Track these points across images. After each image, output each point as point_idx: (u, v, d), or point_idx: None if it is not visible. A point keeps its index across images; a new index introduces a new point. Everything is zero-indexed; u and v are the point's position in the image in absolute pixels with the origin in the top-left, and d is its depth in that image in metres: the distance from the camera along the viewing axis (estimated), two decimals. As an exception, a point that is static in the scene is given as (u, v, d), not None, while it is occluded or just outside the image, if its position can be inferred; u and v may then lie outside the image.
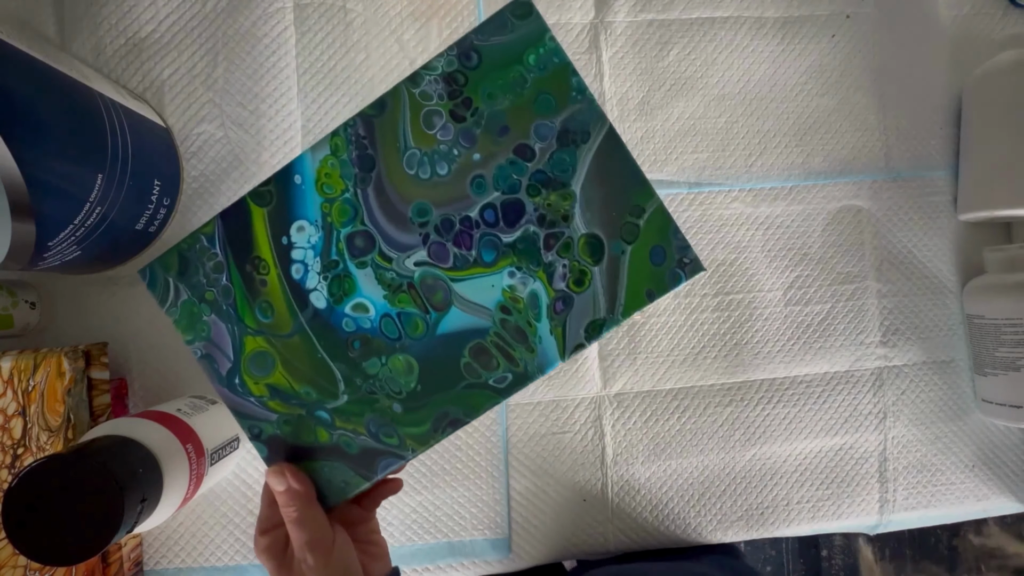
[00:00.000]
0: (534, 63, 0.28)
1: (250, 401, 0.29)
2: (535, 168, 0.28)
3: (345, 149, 0.29)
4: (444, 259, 0.29)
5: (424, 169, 0.29)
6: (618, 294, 0.28)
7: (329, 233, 0.29)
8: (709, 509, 0.53)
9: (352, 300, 0.29)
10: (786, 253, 0.54)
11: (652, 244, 0.28)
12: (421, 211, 0.29)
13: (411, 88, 0.28)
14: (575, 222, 0.28)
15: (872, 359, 0.55)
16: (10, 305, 0.44)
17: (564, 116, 0.28)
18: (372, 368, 0.29)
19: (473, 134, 0.28)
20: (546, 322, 0.28)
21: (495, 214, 0.28)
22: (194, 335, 0.30)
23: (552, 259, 0.28)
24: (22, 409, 0.39)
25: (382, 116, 0.29)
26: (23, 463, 0.38)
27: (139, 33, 0.49)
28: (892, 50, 0.56)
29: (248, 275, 0.29)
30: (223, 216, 0.29)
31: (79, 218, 0.37)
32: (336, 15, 0.51)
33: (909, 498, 0.55)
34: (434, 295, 0.29)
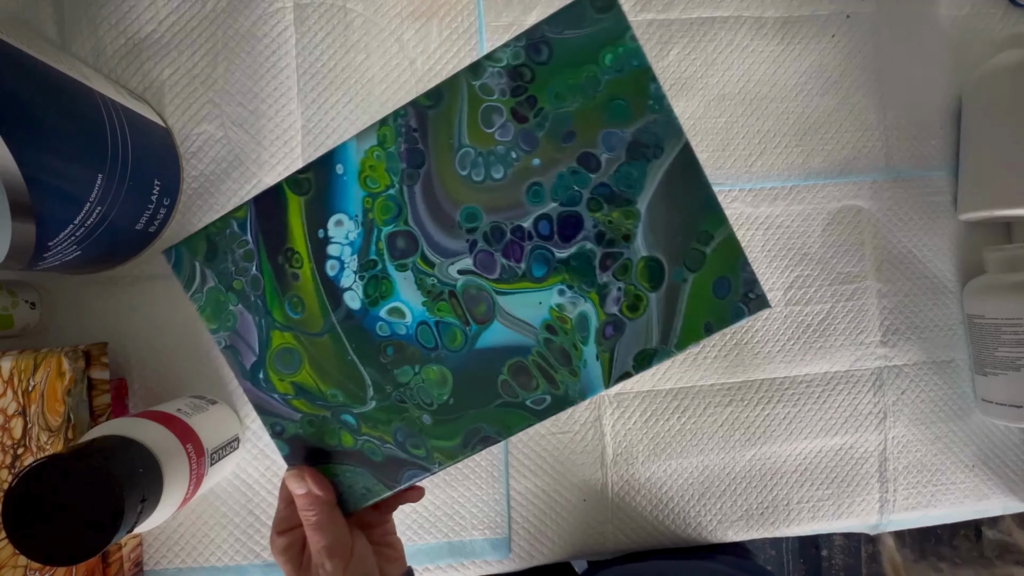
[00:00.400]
0: (610, 64, 0.25)
1: (274, 398, 0.28)
2: (599, 180, 0.26)
3: (393, 141, 0.27)
4: (491, 270, 0.27)
5: (478, 171, 0.26)
6: (674, 324, 0.26)
7: (369, 230, 0.27)
8: (709, 509, 0.53)
9: (388, 304, 0.27)
10: (786, 253, 0.54)
11: (717, 275, 0.26)
12: (470, 216, 0.27)
13: (471, 79, 0.26)
14: (636, 243, 0.26)
15: (872, 359, 0.55)
16: (10, 305, 0.44)
17: (637, 126, 0.25)
18: (404, 376, 0.28)
19: (535, 137, 0.26)
20: (593, 346, 0.26)
21: (550, 226, 0.26)
22: (219, 324, 0.28)
23: (607, 280, 0.26)
24: (22, 409, 0.39)
25: (437, 108, 0.26)
26: (23, 463, 0.38)
27: (139, 33, 0.49)
28: (892, 50, 0.56)
29: (280, 267, 0.28)
30: (256, 201, 0.28)
31: (79, 218, 0.37)
32: (336, 15, 0.51)
33: (909, 498, 0.55)
34: (476, 307, 0.27)
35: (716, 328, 0.26)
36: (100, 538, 0.30)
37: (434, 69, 0.52)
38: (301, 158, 0.50)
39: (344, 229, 0.27)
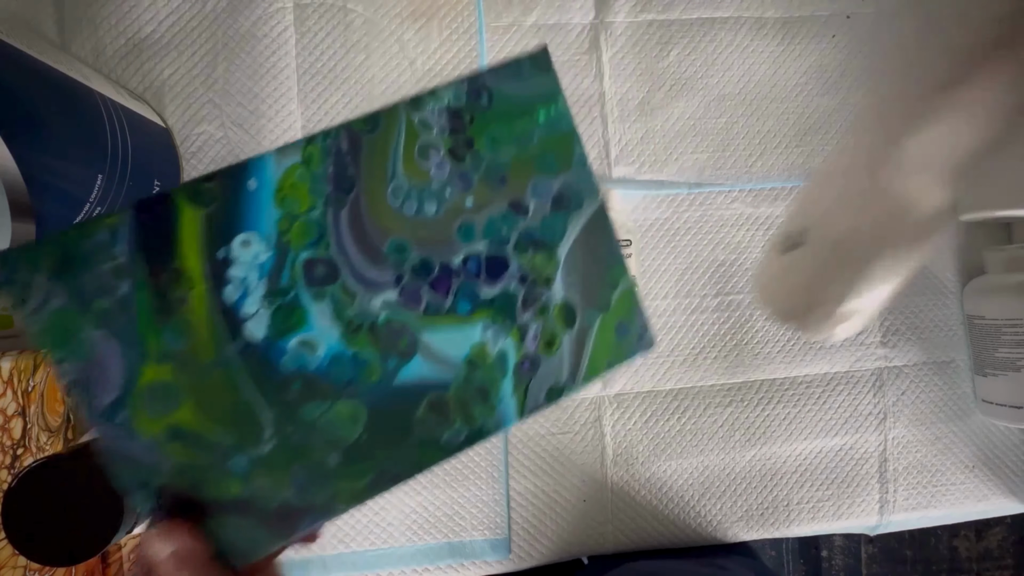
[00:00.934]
0: (543, 121, 0.27)
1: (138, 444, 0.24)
2: (526, 226, 0.27)
3: (321, 162, 0.25)
4: (416, 303, 0.26)
5: (410, 204, 0.26)
6: (582, 361, 0.28)
7: (283, 254, 0.25)
8: (709, 510, 0.53)
9: (299, 335, 0.25)
10: (786, 253, 0.54)
11: (619, 318, 0.28)
12: (399, 248, 0.26)
13: (412, 112, 0.26)
14: (555, 286, 0.27)
15: (872, 359, 0.55)
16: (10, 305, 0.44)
17: (563, 180, 0.27)
18: (310, 414, 0.25)
19: (470, 178, 0.26)
20: (511, 381, 0.27)
21: (478, 265, 0.26)
22: (66, 353, 0.23)
23: (527, 319, 0.27)
24: (22, 409, 0.39)
25: (373, 135, 0.26)
26: (23, 463, 0.38)
27: (139, 33, 0.49)
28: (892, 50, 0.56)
29: (161, 288, 0.24)
30: (139, 208, 0.23)
31: (79, 218, 0.37)
32: (336, 15, 0.51)
33: (909, 498, 0.55)
34: (398, 341, 0.26)
35: (615, 365, 0.28)
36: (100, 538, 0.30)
37: (434, 69, 0.52)
38: (301, 158, 0.50)
39: (252, 250, 0.24)
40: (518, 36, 0.53)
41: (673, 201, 0.54)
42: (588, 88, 0.53)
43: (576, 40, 0.53)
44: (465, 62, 0.52)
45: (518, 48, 0.53)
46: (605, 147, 0.53)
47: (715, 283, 0.54)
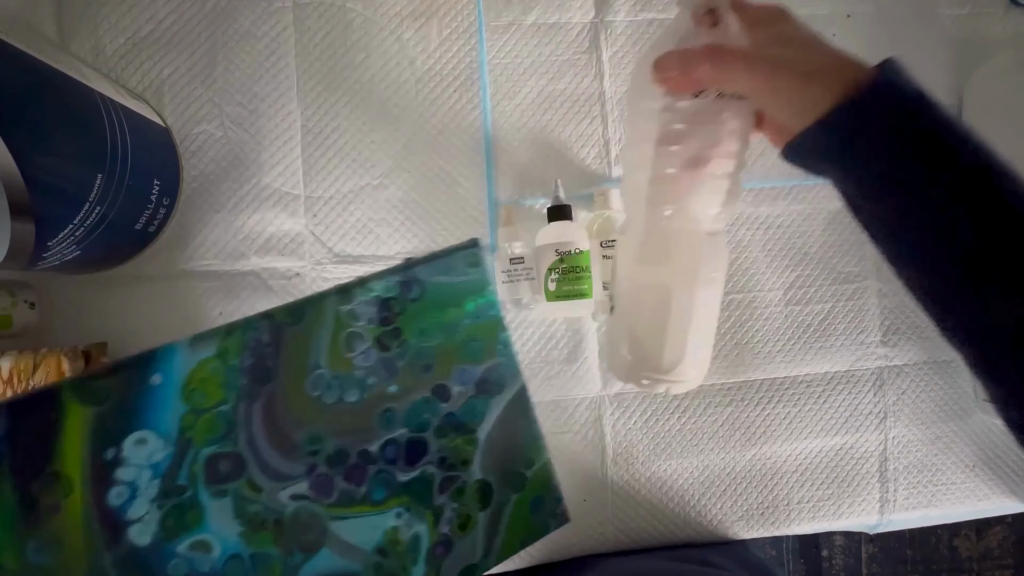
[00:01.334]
0: (471, 310, 0.28)
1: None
2: (448, 410, 0.27)
3: (238, 355, 0.24)
4: (328, 494, 0.25)
5: (331, 393, 0.25)
6: (496, 540, 0.28)
7: (183, 451, 0.23)
8: (710, 509, 0.53)
9: (192, 536, 0.23)
10: (786, 253, 0.54)
11: (535, 495, 0.29)
12: (314, 438, 0.25)
13: (340, 305, 0.26)
14: (473, 467, 0.28)
15: (872, 359, 0.55)
16: (10, 305, 0.44)
17: (487, 365, 0.28)
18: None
19: (395, 366, 0.27)
20: (422, 566, 0.26)
21: (396, 451, 0.26)
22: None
23: (443, 502, 0.27)
24: (22, 409, 0.39)
25: (297, 326, 0.25)
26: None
27: (139, 33, 0.49)
28: (892, 50, 0.55)
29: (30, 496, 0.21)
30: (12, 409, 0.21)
31: (79, 218, 0.37)
32: (336, 15, 0.51)
33: (909, 498, 0.55)
34: (305, 535, 0.25)
35: (529, 542, 0.28)
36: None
37: (434, 69, 0.52)
38: (301, 158, 0.50)
39: (148, 449, 0.23)
40: (518, 35, 0.53)
41: (673, 201, 0.54)
42: (588, 87, 0.53)
43: (576, 39, 0.53)
44: (465, 61, 0.52)
45: (518, 47, 0.53)
46: (605, 146, 0.53)
47: (715, 283, 0.54)
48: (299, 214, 0.50)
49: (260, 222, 0.50)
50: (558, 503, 0.29)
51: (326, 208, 0.51)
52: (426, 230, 0.51)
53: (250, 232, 0.50)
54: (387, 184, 0.51)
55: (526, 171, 0.53)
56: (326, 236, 0.50)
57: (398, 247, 0.51)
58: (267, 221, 0.50)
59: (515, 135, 0.53)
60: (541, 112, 0.53)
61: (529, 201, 0.52)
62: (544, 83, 0.53)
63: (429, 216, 0.52)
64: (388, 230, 0.51)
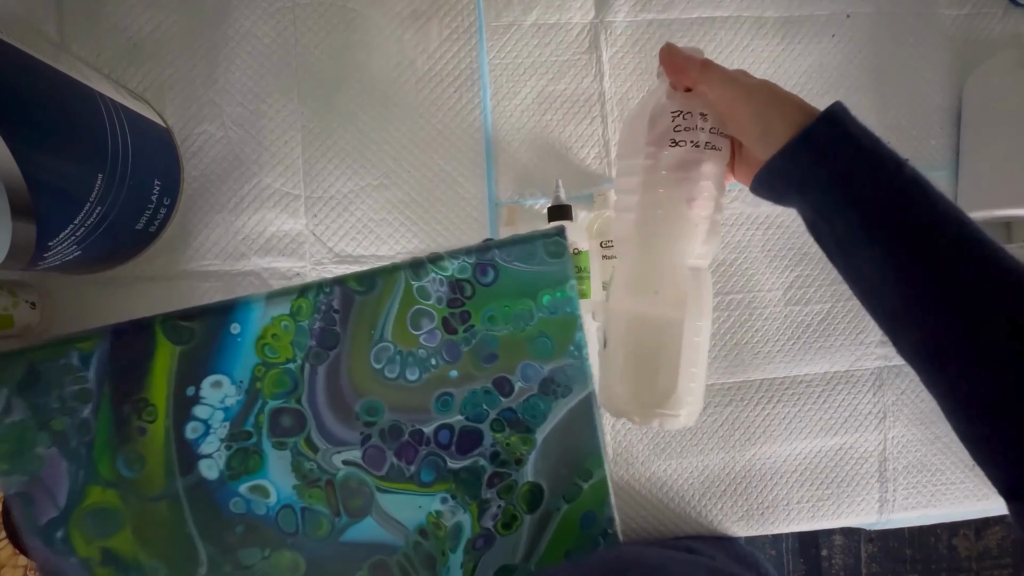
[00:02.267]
0: (547, 304, 0.27)
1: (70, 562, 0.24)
2: (508, 405, 0.27)
3: (309, 315, 0.25)
4: (379, 466, 0.26)
5: (392, 368, 0.26)
6: (538, 546, 0.27)
7: (253, 400, 0.25)
8: (709, 509, 0.53)
9: (253, 480, 0.25)
10: (786, 253, 0.54)
11: (587, 509, 0.28)
12: (371, 410, 0.26)
13: (412, 279, 0.26)
14: (526, 468, 0.27)
15: (872, 359, 0.55)
16: (10, 305, 0.44)
17: (555, 365, 0.27)
18: (249, 558, 0.25)
19: (459, 350, 0.26)
20: (460, 555, 0.26)
21: (450, 437, 0.26)
22: (14, 466, 0.23)
23: (490, 497, 0.27)
24: (22, 409, 0.39)
25: (367, 296, 0.26)
26: (23, 463, 0.38)
27: (139, 33, 0.49)
28: (892, 50, 0.56)
29: (124, 416, 0.24)
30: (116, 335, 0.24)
31: (79, 218, 0.37)
32: (336, 15, 0.51)
33: (909, 498, 0.55)
34: (353, 500, 0.26)
35: (573, 556, 0.27)
36: (100, 538, 0.30)
37: (434, 69, 0.52)
38: (301, 158, 0.50)
39: (221, 392, 0.25)
40: (518, 35, 0.53)
41: (673, 201, 0.54)
42: (588, 87, 0.53)
43: (576, 39, 0.53)
44: (465, 62, 0.52)
45: (518, 48, 0.53)
46: (605, 146, 0.53)
47: (715, 283, 0.54)
48: (299, 214, 0.50)
49: (261, 222, 0.50)
50: (611, 523, 0.28)
51: (326, 208, 0.51)
52: (426, 230, 0.51)
53: (251, 232, 0.50)
54: (387, 184, 0.51)
55: (526, 171, 0.53)
56: (326, 236, 0.51)
57: (398, 247, 0.51)
58: (268, 221, 0.50)
59: (515, 135, 0.53)
60: (541, 112, 0.53)
61: (529, 201, 0.52)
62: (544, 83, 0.53)
63: (429, 216, 0.52)
64: (388, 230, 0.51)
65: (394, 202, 0.51)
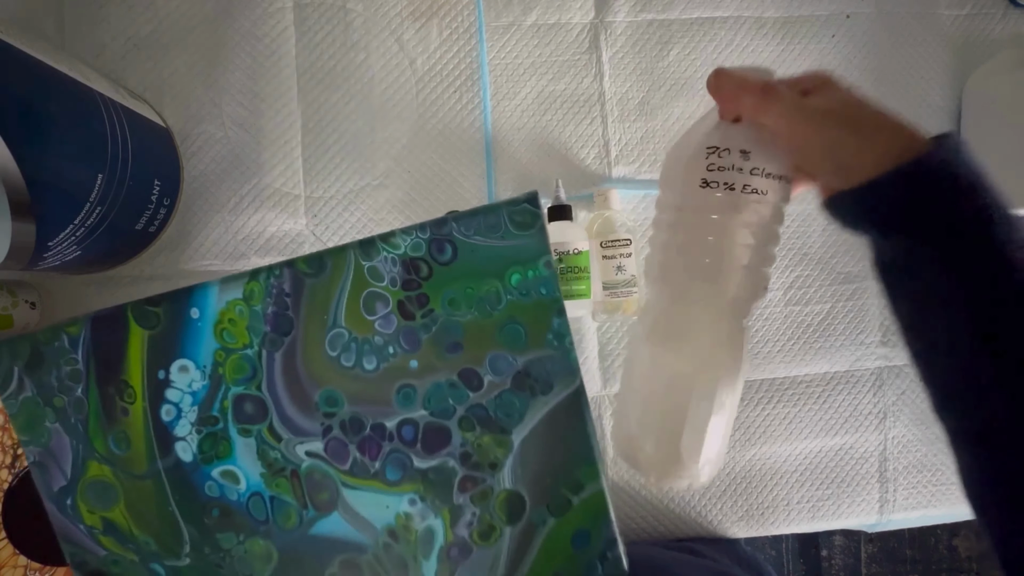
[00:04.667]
0: (515, 285, 0.24)
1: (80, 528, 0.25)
2: (477, 401, 0.24)
3: (261, 299, 0.25)
4: (342, 460, 0.25)
5: (348, 356, 0.25)
6: (523, 565, 0.25)
7: (216, 385, 0.25)
8: (710, 509, 0.53)
9: (223, 465, 0.25)
10: (786, 253, 0.54)
11: (579, 526, 0.25)
12: (330, 400, 0.25)
13: (361, 259, 0.24)
14: (502, 473, 0.24)
15: (872, 359, 0.55)
16: (10, 305, 0.44)
17: (530, 357, 0.24)
18: (226, 542, 0.25)
19: (418, 338, 0.24)
20: (434, 564, 0.25)
21: (415, 433, 0.24)
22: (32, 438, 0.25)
23: (463, 502, 0.25)
24: (22, 409, 0.39)
25: (317, 278, 0.24)
26: (23, 463, 0.38)
27: (139, 33, 0.49)
28: (892, 50, 0.56)
29: (109, 397, 0.25)
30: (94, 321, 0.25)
31: (79, 218, 0.37)
32: (336, 15, 0.51)
33: (909, 498, 0.55)
34: (319, 493, 0.25)
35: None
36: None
37: (434, 69, 0.52)
38: (301, 158, 0.50)
39: (188, 377, 0.25)
40: (518, 35, 0.53)
41: (673, 201, 0.54)
42: (588, 88, 0.53)
43: (576, 40, 0.53)
44: (465, 62, 0.52)
45: (518, 48, 0.53)
46: (605, 147, 0.53)
47: (715, 283, 0.54)
48: (299, 214, 0.50)
49: (260, 222, 0.50)
50: (611, 545, 0.25)
51: (326, 208, 0.51)
52: (426, 230, 0.51)
53: (250, 232, 0.50)
54: (387, 184, 0.51)
55: (526, 171, 0.53)
56: (326, 236, 0.51)
57: (398, 247, 0.51)
58: (267, 221, 0.50)
59: (515, 135, 0.53)
60: (541, 112, 0.53)
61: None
62: (544, 83, 0.53)
63: (429, 216, 0.52)
64: (388, 230, 0.51)
65: (394, 202, 0.51)
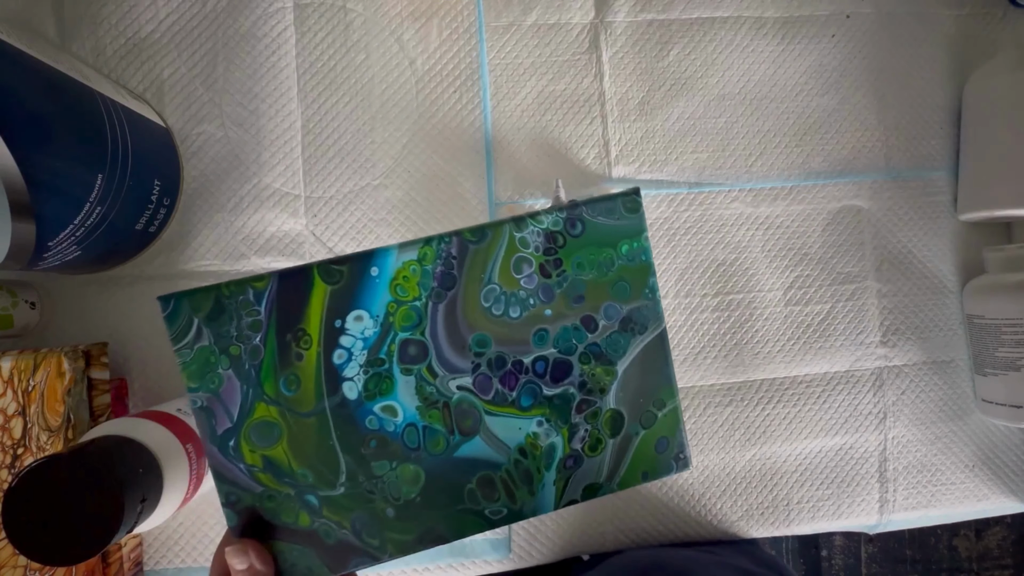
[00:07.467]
0: (625, 252, 0.31)
1: (239, 467, 0.28)
2: (593, 340, 0.30)
3: (432, 260, 0.29)
4: (486, 391, 0.30)
5: (498, 306, 0.30)
6: (620, 468, 0.30)
7: (386, 332, 0.29)
8: (709, 509, 0.53)
9: (384, 401, 0.29)
10: (786, 253, 0.55)
11: (661, 435, 0.31)
12: (481, 342, 0.30)
13: (515, 231, 0.30)
14: (609, 396, 0.30)
15: (872, 359, 0.55)
16: (10, 305, 0.44)
17: (632, 306, 0.31)
18: (380, 469, 0.29)
19: (553, 292, 0.30)
20: (553, 473, 0.30)
21: (545, 367, 0.30)
22: (201, 384, 0.28)
23: (578, 421, 0.30)
24: (22, 409, 0.39)
25: (479, 245, 0.30)
26: (23, 463, 0.38)
27: (139, 33, 0.49)
28: (892, 50, 0.56)
29: (285, 344, 0.28)
30: (282, 277, 0.28)
31: (79, 218, 0.37)
32: (336, 15, 0.51)
33: (909, 498, 0.55)
34: (465, 420, 0.30)
35: (650, 478, 0.31)
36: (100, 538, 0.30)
37: (434, 69, 0.52)
38: (301, 158, 0.50)
39: (362, 325, 0.29)
40: (518, 36, 0.53)
41: (673, 201, 0.54)
42: (588, 88, 0.53)
43: (576, 40, 0.53)
44: (465, 61, 0.52)
45: (518, 48, 0.53)
46: (605, 147, 0.53)
47: (715, 283, 0.54)
48: (299, 214, 0.50)
49: (260, 222, 0.50)
50: (682, 448, 0.31)
51: (326, 208, 0.51)
52: (426, 230, 0.51)
53: (250, 232, 0.50)
54: (387, 184, 0.51)
55: (526, 171, 0.53)
56: (326, 236, 0.51)
57: (398, 247, 0.51)
58: (267, 221, 0.50)
59: (515, 135, 0.53)
60: (541, 112, 0.53)
61: (529, 201, 0.52)
62: (544, 83, 0.53)
63: (429, 216, 0.52)
64: (388, 230, 0.51)
65: (394, 202, 0.51)
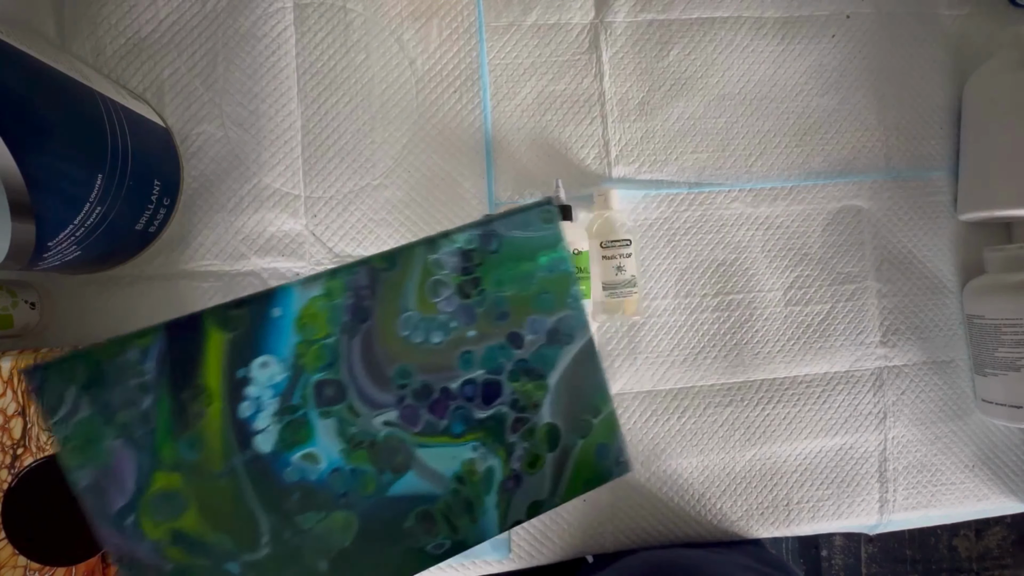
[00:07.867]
0: (544, 264, 0.30)
1: (142, 546, 0.26)
2: (521, 356, 0.30)
3: (341, 295, 0.28)
4: (415, 423, 0.29)
5: (418, 334, 0.29)
6: (562, 480, 0.30)
7: (297, 375, 0.27)
8: (709, 509, 0.53)
9: (304, 449, 0.27)
10: (786, 253, 0.54)
11: (599, 441, 0.30)
12: (403, 373, 0.29)
13: (428, 253, 0.29)
14: (542, 411, 0.30)
15: (872, 359, 0.55)
16: (10, 305, 0.44)
17: (558, 316, 0.30)
18: (307, 522, 0.27)
19: (474, 312, 0.29)
20: (494, 496, 0.29)
21: (474, 390, 0.29)
22: (84, 461, 0.25)
23: (514, 440, 0.29)
24: (22, 409, 0.39)
25: (391, 272, 0.28)
26: (23, 463, 0.38)
27: (139, 33, 0.49)
28: (892, 50, 0.56)
29: (181, 403, 0.26)
30: (170, 329, 0.26)
31: (79, 218, 0.37)
32: (336, 15, 0.51)
33: (909, 498, 0.55)
34: (394, 457, 0.28)
35: (592, 486, 0.31)
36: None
37: (434, 69, 0.52)
38: (301, 158, 0.50)
39: (269, 371, 0.27)
40: (518, 36, 0.53)
41: (673, 201, 0.54)
42: (588, 88, 0.53)
43: (576, 40, 0.53)
44: (465, 62, 0.52)
45: (518, 48, 0.53)
46: (605, 147, 0.53)
47: (715, 283, 0.54)
48: (299, 214, 0.50)
49: (260, 222, 0.50)
50: (621, 452, 0.31)
51: (326, 208, 0.51)
52: (426, 230, 0.51)
53: (250, 232, 0.50)
54: (387, 184, 0.51)
55: (526, 171, 0.53)
56: (326, 236, 0.51)
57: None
58: (267, 221, 0.50)
59: (515, 135, 0.53)
60: (541, 112, 0.53)
61: (529, 201, 0.52)
62: (544, 83, 0.53)
63: (429, 216, 0.52)
64: (388, 230, 0.51)
65: (394, 202, 0.51)
